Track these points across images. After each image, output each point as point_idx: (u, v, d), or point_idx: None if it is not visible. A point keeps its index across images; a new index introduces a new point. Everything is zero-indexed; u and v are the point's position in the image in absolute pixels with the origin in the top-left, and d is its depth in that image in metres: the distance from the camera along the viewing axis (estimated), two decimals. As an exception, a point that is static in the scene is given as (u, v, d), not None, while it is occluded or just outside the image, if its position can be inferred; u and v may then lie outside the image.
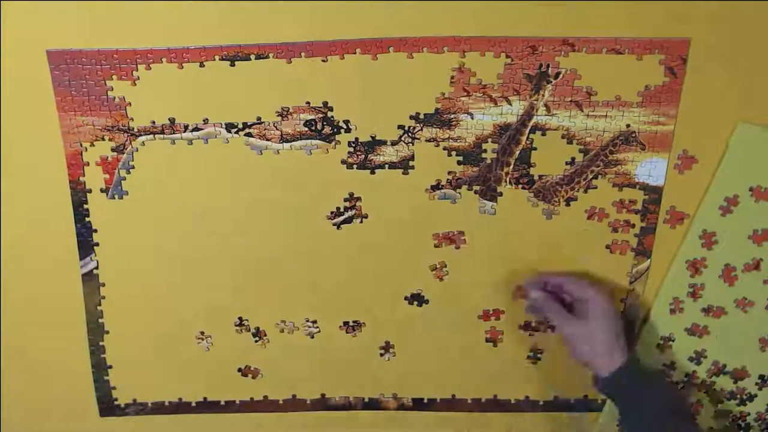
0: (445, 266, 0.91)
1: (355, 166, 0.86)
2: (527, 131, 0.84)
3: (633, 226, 0.88)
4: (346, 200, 0.88)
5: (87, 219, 0.88)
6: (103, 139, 0.85)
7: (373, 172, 0.86)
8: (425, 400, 0.98)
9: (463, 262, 0.90)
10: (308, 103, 0.83)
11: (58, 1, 0.78)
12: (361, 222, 0.89)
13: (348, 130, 0.84)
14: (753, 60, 0.80)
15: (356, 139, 0.85)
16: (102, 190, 0.87)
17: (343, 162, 0.86)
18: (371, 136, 0.85)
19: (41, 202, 0.88)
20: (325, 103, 0.83)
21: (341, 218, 0.89)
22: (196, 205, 0.88)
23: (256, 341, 0.95)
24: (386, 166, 0.86)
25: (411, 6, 0.79)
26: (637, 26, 0.79)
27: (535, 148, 0.85)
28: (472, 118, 0.84)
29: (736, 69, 0.80)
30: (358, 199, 0.87)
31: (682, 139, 0.84)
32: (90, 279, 0.91)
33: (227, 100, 0.83)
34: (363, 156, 0.85)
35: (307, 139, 0.85)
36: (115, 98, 0.83)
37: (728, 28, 0.79)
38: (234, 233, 0.89)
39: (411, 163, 0.86)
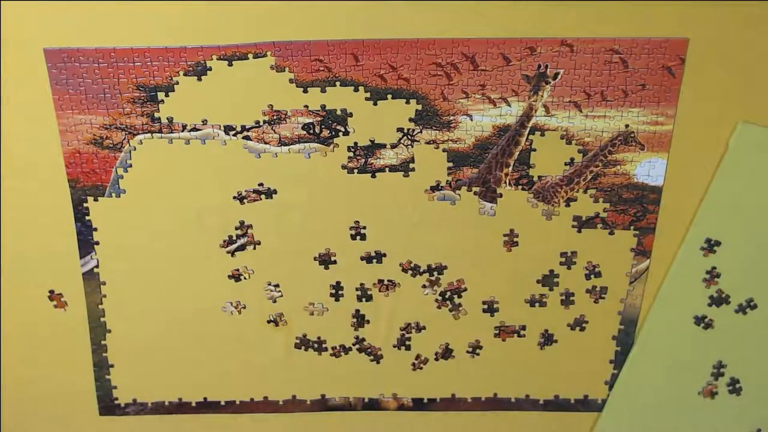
0: (446, 267, 0.91)
1: (355, 170, 0.86)
2: (526, 132, 0.84)
3: (632, 226, 0.88)
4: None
5: (87, 218, 0.88)
6: (101, 138, 0.85)
7: (373, 176, 0.86)
8: (425, 400, 0.98)
9: (464, 263, 0.90)
10: (306, 106, 0.83)
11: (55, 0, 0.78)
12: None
13: (346, 133, 0.84)
14: (752, 60, 0.80)
15: (355, 143, 0.85)
16: (100, 189, 0.87)
17: (344, 167, 0.86)
18: (371, 140, 0.85)
19: (40, 201, 0.88)
20: (323, 106, 0.83)
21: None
22: (195, 204, 0.88)
23: (257, 341, 0.95)
24: (386, 169, 0.86)
25: (409, 7, 0.78)
26: (635, 26, 0.79)
27: (535, 149, 0.85)
28: (472, 120, 0.83)
29: (735, 69, 0.80)
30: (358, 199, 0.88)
31: (681, 139, 0.83)
32: (91, 278, 0.91)
33: (225, 101, 0.83)
34: (363, 160, 0.85)
35: (305, 142, 0.85)
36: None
37: (727, 28, 0.78)
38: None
39: (411, 165, 0.86)
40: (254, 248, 0.90)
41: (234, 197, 0.87)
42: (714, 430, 0.97)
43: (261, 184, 0.87)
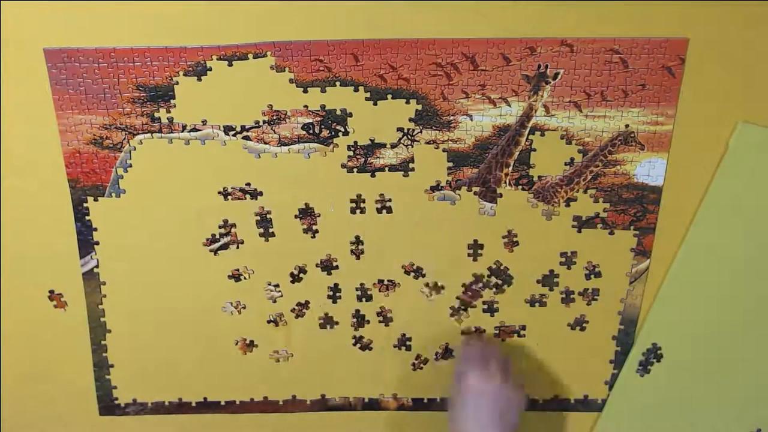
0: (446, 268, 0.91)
1: (355, 169, 0.86)
2: (526, 132, 0.84)
3: (632, 226, 0.88)
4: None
5: (87, 218, 0.88)
6: (101, 138, 0.85)
7: (373, 175, 0.86)
8: (425, 400, 0.98)
9: (464, 263, 0.90)
10: (306, 106, 0.83)
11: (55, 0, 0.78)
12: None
13: (346, 133, 0.84)
14: (752, 60, 0.80)
15: (355, 142, 0.85)
16: (100, 189, 0.87)
17: (343, 166, 0.86)
18: (370, 140, 0.85)
19: (40, 201, 0.88)
20: (323, 106, 0.83)
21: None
22: (194, 204, 0.88)
23: (256, 340, 0.95)
24: (386, 168, 0.86)
25: (409, 7, 0.78)
26: (635, 26, 0.79)
27: (535, 149, 0.85)
28: (472, 120, 0.83)
29: (735, 69, 0.80)
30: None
31: (681, 139, 0.83)
32: (91, 278, 0.91)
33: (225, 101, 0.83)
34: (363, 159, 0.85)
35: (304, 142, 0.85)
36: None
37: (727, 27, 0.78)
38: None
39: (411, 165, 0.86)
40: (246, 247, 0.90)
41: (219, 192, 0.88)
42: (714, 430, 0.97)
43: (248, 184, 0.87)
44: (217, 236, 0.89)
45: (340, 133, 0.84)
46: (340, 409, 0.99)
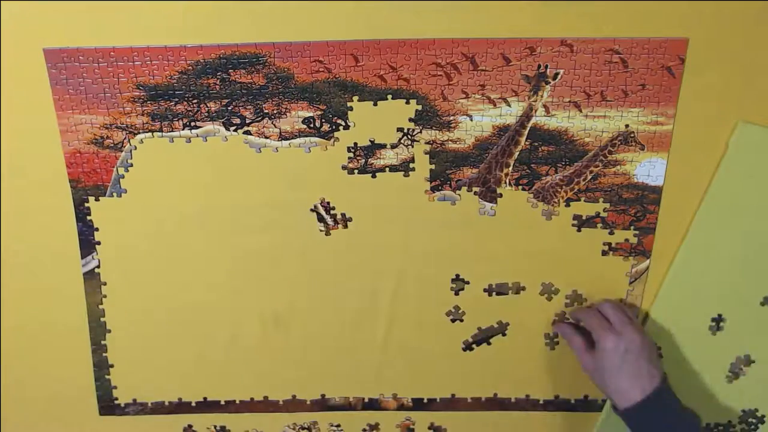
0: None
1: (356, 171, 0.86)
2: (526, 132, 0.84)
3: (632, 226, 0.88)
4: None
5: (88, 218, 0.88)
6: (102, 137, 0.85)
7: (374, 176, 0.86)
8: (425, 400, 0.98)
9: (463, 263, 0.90)
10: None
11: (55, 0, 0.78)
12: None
13: (347, 127, 0.84)
14: (752, 60, 0.80)
15: (355, 143, 0.85)
16: (101, 189, 0.87)
17: (344, 167, 0.86)
18: (370, 140, 0.85)
19: (41, 201, 0.88)
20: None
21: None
22: (196, 203, 0.88)
23: (257, 340, 0.95)
24: (387, 169, 0.86)
25: (409, 8, 0.78)
26: (635, 26, 0.79)
27: (535, 149, 0.85)
28: (471, 120, 0.84)
29: (735, 69, 0.80)
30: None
31: (681, 139, 0.83)
32: (91, 278, 0.92)
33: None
34: (363, 161, 0.85)
35: (305, 136, 0.85)
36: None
37: (727, 27, 0.79)
38: (233, 231, 0.89)
39: (411, 165, 0.86)
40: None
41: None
42: (714, 429, 0.97)
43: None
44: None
45: (341, 127, 0.84)
46: (340, 409, 0.99)
